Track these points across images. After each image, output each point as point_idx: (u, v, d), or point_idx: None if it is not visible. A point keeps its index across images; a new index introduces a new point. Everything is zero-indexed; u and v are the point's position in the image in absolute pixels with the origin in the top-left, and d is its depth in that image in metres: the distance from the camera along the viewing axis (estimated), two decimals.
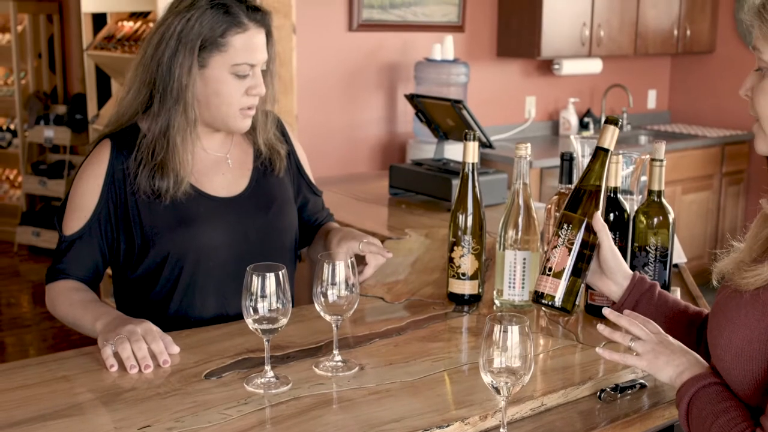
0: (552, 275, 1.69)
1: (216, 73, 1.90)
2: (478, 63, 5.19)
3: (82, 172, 1.97)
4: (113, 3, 4.59)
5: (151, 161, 1.91)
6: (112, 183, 1.93)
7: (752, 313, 1.33)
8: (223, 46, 1.88)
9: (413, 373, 1.66)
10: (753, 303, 1.33)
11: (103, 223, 1.95)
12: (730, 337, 1.35)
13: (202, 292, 1.98)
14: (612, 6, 5.40)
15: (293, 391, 1.56)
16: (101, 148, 1.96)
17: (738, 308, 1.36)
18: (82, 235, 1.95)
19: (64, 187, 6.36)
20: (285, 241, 2.10)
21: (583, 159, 2.28)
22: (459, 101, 3.18)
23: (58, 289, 1.95)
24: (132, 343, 1.66)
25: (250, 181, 2.06)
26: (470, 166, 2.01)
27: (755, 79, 1.40)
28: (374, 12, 4.77)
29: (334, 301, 1.62)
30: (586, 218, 1.69)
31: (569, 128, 5.59)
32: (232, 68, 1.90)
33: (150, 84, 1.92)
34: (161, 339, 1.70)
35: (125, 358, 1.64)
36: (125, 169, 1.93)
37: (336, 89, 4.74)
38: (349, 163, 4.82)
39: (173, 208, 1.94)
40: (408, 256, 2.53)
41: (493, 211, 2.60)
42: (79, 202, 1.95)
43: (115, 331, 1.69)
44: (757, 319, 1.32)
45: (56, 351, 3.95)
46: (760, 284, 1.33)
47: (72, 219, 1.96)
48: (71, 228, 1.96)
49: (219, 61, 1.89)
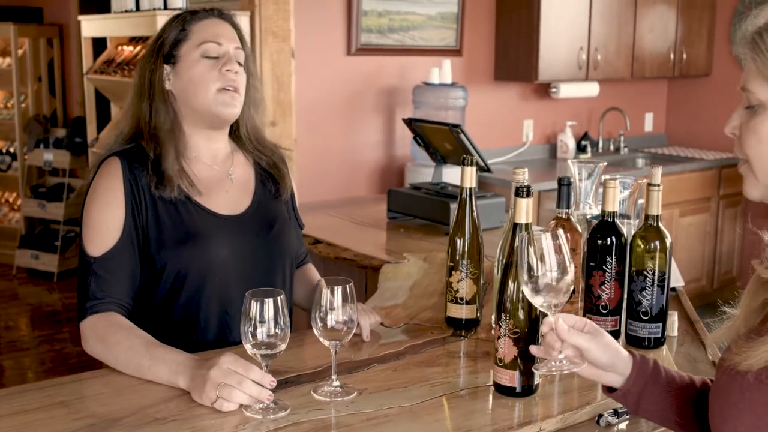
0: (503, 367, 1.66)
1: (186, 61, 1.97)
2: (475, 87, 5.21)
3: (95, 190, 1.92)
4: (113, 27, 4.62)
5: (150, 165, 1.92)
6: (132, 195, 1.90)
7: (758, 397, 1.22)
8: (186, 34, 1.99)
9: (412, 398, 1.66)
10: (758, 386, 1.22)
11: (133, 238, 1.90)
12: (735, 424, 1.25)
13: (205, 310, 1.96)
14: (609, 30, 5.43)
15: (292, 416, 1.56)
16: (110, 165, 1.93)
17: (741, 392, 1.25)
18: (114, 254, 1.87)
19: (63, 210, 6.37)
20: (286, 262, 2.10)
21: (580, 183, 2.30)
22: (457, 125, 3.19)
23: (101, 326, 1.82)
24: (238, 387, 1.56)
25: (252, 200, 2.07)
26: (468, 191, 2.02)
27: (744, 117, 1.30)
28: (372, 36, 4.80)
29: (333, 327, 1.62)
30: (521, 302, 1.63)
31: (567, 151, 5.61)
32: (200, 49, 1.97)
33: (137, 98, 2.00)
34: (245, 363, 1.61)
35: (248, 404, 1.57)
36: (140, 181, 1.91)
37: (335, 113, 4.76)
38: (347, 186, 4.84)
39: (180, 223, 1.93)
40: (406, 280, 2.54)
41: (491, 234, 2.61)
42: (100, 218, 1.89)
43: (208, 383, 1.57)
44: (764, 404, 1.21)
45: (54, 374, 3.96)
46: (763, 365, 1.22)
47: (97, 239, 1.88)
48: (101, 247, 1.87)
49: (186, 49, 1.98)
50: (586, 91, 5.59)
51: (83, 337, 1.84)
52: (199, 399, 1.60)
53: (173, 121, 1.98)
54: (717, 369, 1.37)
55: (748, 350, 1.24)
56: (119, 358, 1.76)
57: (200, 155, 2.02)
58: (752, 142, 1.28)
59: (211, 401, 1.57)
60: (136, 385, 1.71)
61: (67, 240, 6.38)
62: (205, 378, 1.58)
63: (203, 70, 1.95)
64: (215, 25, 2.00)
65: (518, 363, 1.64)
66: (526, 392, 1.67)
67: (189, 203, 1.95)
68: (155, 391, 1.67)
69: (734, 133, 1.32)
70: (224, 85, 1.95)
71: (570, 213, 1.98)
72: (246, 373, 1.58)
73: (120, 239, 1.88)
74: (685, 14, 5.83)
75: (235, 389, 1.56)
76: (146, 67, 2.00)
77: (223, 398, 1.56)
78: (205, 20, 2.00)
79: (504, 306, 1.64)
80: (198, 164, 2.01)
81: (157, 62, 1.99)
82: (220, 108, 1.96)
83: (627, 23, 5.53)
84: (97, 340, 1.81)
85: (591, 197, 2.29)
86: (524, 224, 1.64)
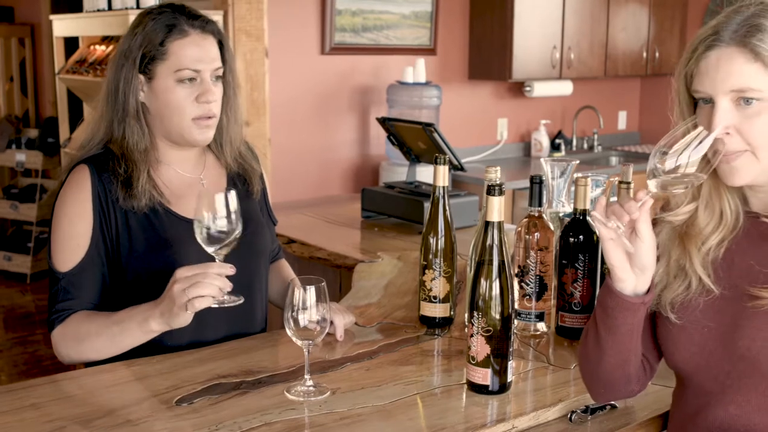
0: (476, 365, 1.66)
1: (162, 83, 1.90)
2: (450, 85, 5.22)
3: (63, 201, 1.91)
4: (85, 27, 4.58)
5: (119, 182, 1.89)
6: (100, 206, 1.89)
7: None
8: (164, 54, 1.89)
9: (385, 397, 1.66)
10: None
11: (101, 249, 1.90)
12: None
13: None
14: (582, 29, 5.46)
15: (264, 416, 1.56)
16: (79, 173, 1.91)
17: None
18: (81, 269, 1.88)
19: (35, 211, 6.32)
20: (261, 262, 2.10)
21: (553, 181, 2.31)
22: (430, 124, 3.20)
23: (70, 328, 1.85)
24: (204, 280, 1.66)
25: None
26: (441, 189, 2.02)
27: (735, 114, 1.36)
28: (346, 35, 4.80)
29: (306, 326, 1.62)
30: (493, 300, 1.64)
31: (541, 150, 5.63)
32: (176, 75, 1.89)
33: (111, 105, 1.94)
34: (201, 264, 1.70)
35: (216, 295, 1.67)
36: (109, 192, 1.90)
37: (309, 112, 4.75)
38: (322, 185, 4.83)
39: (151, 231, 1.92)
40: (380, 279, 2.54)
41: (465, 233, 2.62)
42: (69, 232, 1.89)
43: (174, 294, 1.67)
44: None
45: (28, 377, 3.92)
46: None
47: (66, 252, 1.88)
48: (68, 262, 1.88)
49: (163, 71, 1.90)
50: (559, 90, 5.62)
51: (55, 348, 1.88)
52: (175, 317, 1.70)
53: (147, 141, 1.94)
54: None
55: None
56: (95, 345, 1.81)
57: (171, 163, 2.00)
58: (757, 129, 1.36)
59: (184, 306, 1.66)
60: (109, 387, 1.71)
61: (40, 241, 6.32)
62: (170, 295, 1.68)
63: (179, 98, 1.90)
64: (196, 44, 1.90)
65: (491, 361, 1.65)
66: (499, 390, 1.67)
67: (160, 210, 1.94)
68: (128, 393, 1.67)
69: (728, 132, 1.36)
70: (200, 115, 1.92)
71: (542, 211, 1.99)
72: (206, 269, 1.67)
73: (87, 253, 1.89)
74: (657, 13, 5.87)
75: (202, 282, 1.64)
76: (119, 72, 1.92)
77: (193, 298, 1.64)
78: (185, 38, 1.90)
79: (476, 304, 1.65)
80: (168, 171, 1.99)
81: (133, 72, 1.91)
82: (195, 136, 1.93)
83: (600, 22, 5.56)
84: (70, 342, 1.84)
85: (564, 195, 2.31)
86: (496, 222, 1.65)
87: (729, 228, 1.48)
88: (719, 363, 1.44)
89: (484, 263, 1.65)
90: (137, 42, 1.91)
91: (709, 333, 1.46)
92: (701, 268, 1.47)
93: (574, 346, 1.97)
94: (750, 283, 1.42)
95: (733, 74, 1.36)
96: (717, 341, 1.44)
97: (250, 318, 2.07)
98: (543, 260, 1.98)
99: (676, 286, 1.49)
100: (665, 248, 1.52)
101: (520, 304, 2.00)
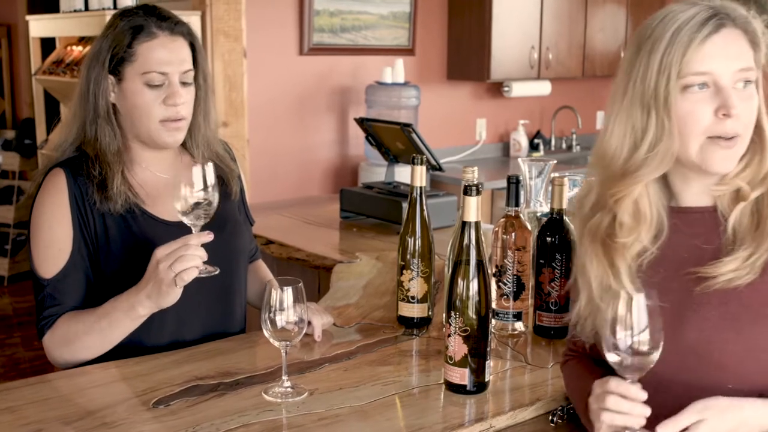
0: (454, 365, 1.67)
1: (131, 85, 1.89)
2: (428, 86, 5.23)
3: (41, 206, 1.89)
4: (62, 27, 4.56)
5: (95, 184, 1.88)
6: (78, 209, 1.88)
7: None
8: (132, 55, 1.88)
9: (363, 398, 1.66)
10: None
11: (84, 251, 1.89)
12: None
13: (159, 317, 1.91)
14: (560, 30, 5.48)
15: (242, 417, 1.56)
16: (55, 178, 1.89)
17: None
18: (65, 274, 1.87)
19: (12, 213, 6.28)
20: (240, 262, 2.09)
21: (531, 181, 2.32)
22: (408, 125, 3.20)
23: (59, 332, 1.85)
24: (187, 252, 1.69)
25: None
26: (418, 190, 2.03)
27: (737, 96, 1.38)
28: (325, 36, 4.80)
29: (283, 327, 1.62)
30: (470, 300, 1.64)
31: (520, 150, 5.65)
32: (143, 77, 1.88)
33: (83, 106, 1.93)
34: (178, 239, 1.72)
35: (199, 265, 1.70)
36: (85, 195, 1.88)
37: (287, 113, 4.75)
38: (301, 186, 4.82)
39: (128, 233, 1.90)
40: (359, 279, 2.54)
41: (444, 233, 2.62)
42: (50, 236, 1.87)
43: (159, 273, 1.70)
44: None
45: (5, 380, 3.89)
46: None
47: (49, 259, 1.87)
48: (52, 268, 1.87)
49: (131, 72, 1.88)
50: (538, 90, 5.64)
51: (49, 354, 1.88)
52: (165, 296, 1.72)
53: (119, 141, 1.93)
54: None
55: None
56: (85, 343, 1.82)
57: (146, 164, 1.98)
58: (753, 114, 1.40)
59: (173, 282, 1.69)
60: (86, 389, 1.70)
61: (17, 243, 6.28)
62: (156, 275, 1.71)
63: (146, 101, 1.88)
64: (164, 46, 1.88)
65: (468, 361, 1.65)
66: (477, 390, 1.68)
67: (136, 212, 1.92)
68: (105, 395, 1.66)
69: (734, 114, 1.38)
70: (168, 117, 1.90)
71: (519, 211, 2.00)
72: (185, 241, 1.70)
73: (70, 258, 1.88)
74: (634, 13, 5.89)
75: (185, 255, 1.67)
76: (90, 73, 1.92)
77: (180, 272, 1.67)
78: (154, 40, 1.88)
79: (454, 304, 1.65)
80: (144, 172, 1.98)
81: (102, 73, 1.90)
82: (164, 138, 1.92)
83: (578, 23, 5.58)
84: (62, 345, 1.85)
85: (541, 195, 2.32)
86: (473, 222, 1.65)
87: (652, 229, 1.48)
88: (669, 357, 1.42)
89: (461, 263, 1.65)
90: (107, 43, 1.91)
91: None
92: (628, 279, 1.46)
93: (551, 345, 1.98)
94: (695, 265, 1.44)
95: (743, 54, 1.39)
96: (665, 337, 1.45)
97: (230, 318, 2.06)
98: (520, 260, 1.99)
99: (605, 308, 1.45)
100: (584, 277, 1.52)
101: (498, 303, 2.01)
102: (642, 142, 1.42)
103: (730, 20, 1.39)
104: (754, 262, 1.39)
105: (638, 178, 1.44)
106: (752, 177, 1.43)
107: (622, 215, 1.47)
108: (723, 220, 1.45)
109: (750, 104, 1.40)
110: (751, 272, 1.39)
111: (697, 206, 1.49)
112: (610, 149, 1.46)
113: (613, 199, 1.47)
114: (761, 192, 1.43)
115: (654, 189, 1.48)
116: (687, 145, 1.40)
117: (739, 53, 1.39)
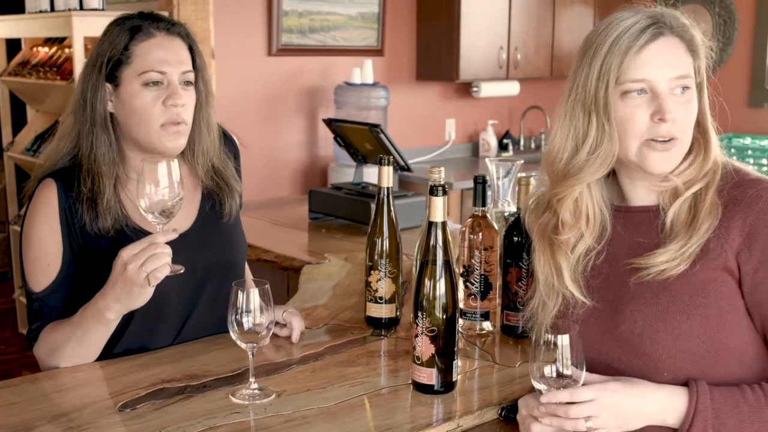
0: (421, 365, 1.67)
1: (128, 88, 1.82)
2: (397, 86, 5.23)
3: (31, 220, 1.86)
4: (28, 28, 4.51)
5: (84, 201, 1.84)
6: (67, 223, 1.84)
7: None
8: (129, 57, 1.82)
9: (330, 399, 1.66)
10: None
11: (74, 266, 1.86)
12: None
13: (151, 331, 1.92)
14: (528, 30, 5.50)
15: (209, 420, 1.55)
16: (45, 190, 1.85)
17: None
18: (55, 288, 1.85)
19: None
20: (235, 275, 2.03)
21: (498, 181, 2.33)
22: (376, 125, 3.20)
23: (43, 343, 1.84)
24: (155, 252, 1.65)
25: (197, 217, 1.99)
26: (385, 190, 2.03)
27: (674, 101, 1.44)
28: (293, 36, 4.79)
29: (249, 329, 1.61)
30: (437, 300, 1.64)
31: (489, 150, 5.67)
32: (141, 78, 1.81)
33: (78, 115, 1.88)
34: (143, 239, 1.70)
35: (168, 261, 1.67)
36: (74, 207, 1.84)
37: (256, 114, 4.73)
38: (269, 187, 4.81)
39: (118, 248, 1.78)
40: (327, 280, 2.54)
41: (412, 233, 2.62)
42: (39, 251, 1.84)
43: (129, 275, 1.66)
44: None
45: None
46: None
47: (39, 273, 1.85)
48: (41, 282, 1.85)
49: (128, 75, 1.82)
50: (506, 90, 5.66)
51: (40, 364, 1.87)
52: (136, 297, 1.69)
53: (115, 152, 1.87)
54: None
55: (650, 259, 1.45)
56: (66, 352, 1.81)
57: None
58: (691, 118, 1.46)
59: (144, 282, 1.66)
60: (51, 393, 1.69)
61: None
62: (125, 277, 1.67)
63: (146, 103, 1.81)
64: (161, 46, 1.83)
65: (436, 361, 1.65)
66: (445, 389, 1.68)
67: (127, 228, 1.87)
68: (71, 399, 1.65)
69: (670, 119, 1.43)
70: (169, 120, 1.83)
71: (486, 211, 2.01)
72: (152, 240, 1.67)
73: (59, 273, 1.85)
74: (602, 14, 5.93)
75: (156, 253, 1.64)
76: (87, 83, 1.86)
77: (152, 271, 1.64)
78: (150, 40, 1.83)
79: (420, 304, 1.65)
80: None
81: (99, 80, 1.84)
82: (165, 143, 1.84)
83: (546, 23, 5.61)
84: (48, 356, 1.84)
85: (509, 195, 2.33)
86: (440, 222, 1.66)
87: (595, 228, 1.54)
88: (610, 350, 1.50)
89: (427, 263, 1.66)
90: (103, 49, 1.85)
91: (596, 323, 1.52)
92: (571, 281, 1.54)
93: (519, 345, 1.98)
94: (633, 256, 1.50)
95: (681, 62, 1.45)
96: (603, 329, 1.51)
97: None
98: (487, 260, 2.00)
99: (551, 305, 1.57)
100: (536, 274, 1.61)
101: (466, 303, 2.01)
102: (583, 145, 1.49)
103: (668, 29, 1.45)
104: (685, 252, 1.44)
105: (579, 180, 1.50)
106: (695, 174, 1.49)
107: (563, 214, 1.54)
108: (664, 216, 1.51)
109: (687, 108, 1.46)
110: (682, 263, 1.44)
111: (642, 205, 1.55)
112: (553, 151, 1.53)
113: (555, 199, 1.54)
114: (699, 187, 1.49)
115: (597, 189, 1.54)
116: (626, 148, 1.47)
117: (676, 61, 1.45)
